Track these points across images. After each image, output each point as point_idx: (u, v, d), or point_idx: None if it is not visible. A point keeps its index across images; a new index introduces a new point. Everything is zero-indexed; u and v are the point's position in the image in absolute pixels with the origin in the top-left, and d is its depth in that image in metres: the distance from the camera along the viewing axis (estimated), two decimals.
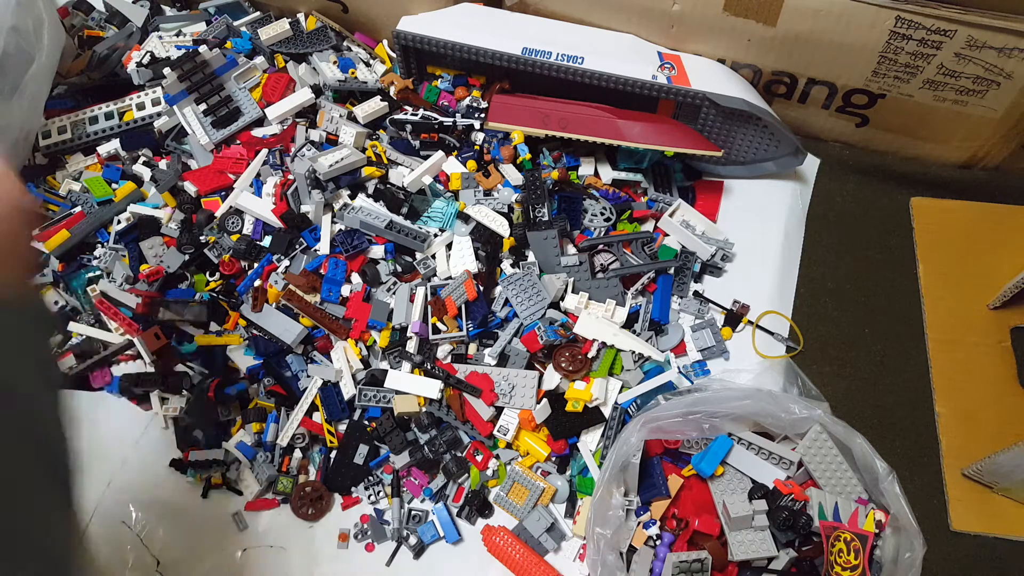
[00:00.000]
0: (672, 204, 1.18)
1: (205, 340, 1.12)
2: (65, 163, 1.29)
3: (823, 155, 1.28)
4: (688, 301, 1.14)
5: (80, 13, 1.44)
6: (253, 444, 1.06)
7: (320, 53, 1.35)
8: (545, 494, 1.00)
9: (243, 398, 1.09)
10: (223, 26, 1.38)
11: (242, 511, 1.05)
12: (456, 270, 1.10)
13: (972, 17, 1.02)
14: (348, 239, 1.12)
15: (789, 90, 1.23)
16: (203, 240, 1.17)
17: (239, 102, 1.26)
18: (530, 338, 1.04)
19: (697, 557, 0.90)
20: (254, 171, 1.21)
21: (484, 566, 0.99)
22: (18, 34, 1.15)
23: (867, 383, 1.10)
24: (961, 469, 1.02)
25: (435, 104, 1.27)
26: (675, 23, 1.18)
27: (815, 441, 0.95)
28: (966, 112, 1.16)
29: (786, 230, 1.21)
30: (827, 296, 1.16)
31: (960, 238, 1.19)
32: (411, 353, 1.06)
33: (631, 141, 1.14)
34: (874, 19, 1.07)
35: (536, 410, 1.01)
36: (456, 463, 1.02)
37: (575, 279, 1.09)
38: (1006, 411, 1.06)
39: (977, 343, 1.11)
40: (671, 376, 1.03)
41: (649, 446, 0.98)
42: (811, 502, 0.92)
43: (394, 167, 1.20)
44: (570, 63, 1.15)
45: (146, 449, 1.10)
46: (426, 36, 1.19)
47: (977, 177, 1.24)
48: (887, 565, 0.89)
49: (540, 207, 1.09)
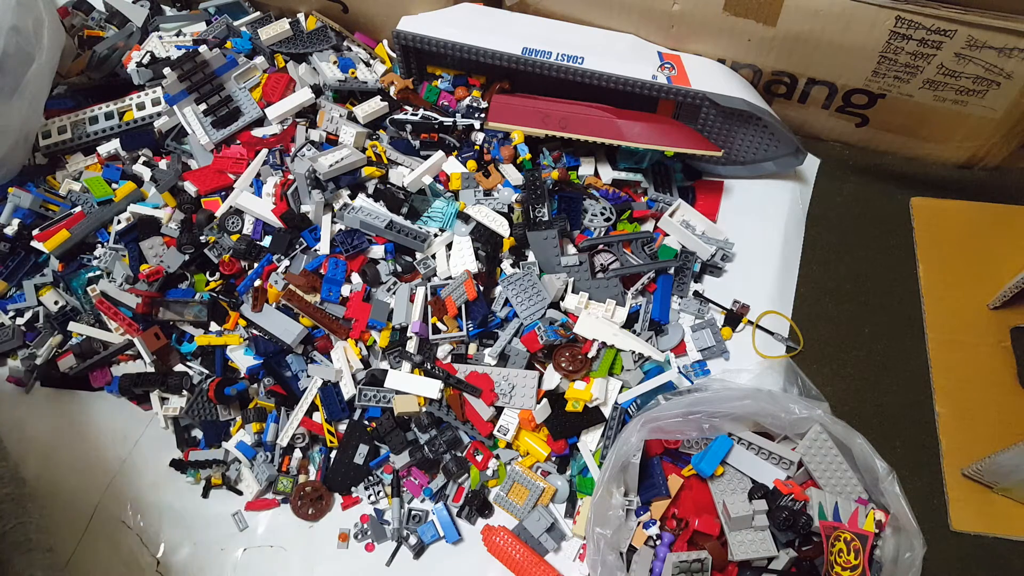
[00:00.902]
0: (672, 204, 1.18)
1: (205, 340, 1.12)
2: (65, 163, 1.30)
3: (823, 155, 1.28)
4: (688, 301, 1.14)
5: (80, 13, 1.45)
6: (253, 444, 1.06)
7: (320, 53, 1.35)
8: (545, 494, 1.00)
9: (243, 398, 1.10)
10: (223, 26, 1.38)
11: (242, 511, 1.05)
12: (456, 270, 1.10)
13: (972, 17, 1.02)
14: (348, 239, 1.12)
15: (789, 90, 1.23)
16: (203, 240, 1.17)
17: (239, 102, 1.26)
18: (530, 338, 1.04)
19: (697, 557, 0.90)
20: (254, 171, 1.21)
21: (484, 566, 0.99)
22: (18, 34, 1.15)
23: (867, 383, 1.10)
24: (961, 469, 1.02)
25: (435, 104, 1.27)
26: (675, 23, 1.18)
27: (815, 441, 0.95)
28: (966, 112, 1.16)
29: (786, 230, 1.21)
30: (827, 296, 1.16)
31: (960, 238, 1.19)
32: (411, 353, 1.06)
33: (631, 141, 1.14)
34: (874, 19, 1.07)
35: (536, 410, 1.01)
36: (456, 463, 1.02)
37: (575, 279, 1.09)
38: (1006, 411, 1.06)
39: (977, 343, 1.11)
40: (671, 376, 1.03)
41: (649, 446, 0.98)
42: (811, 502, 0.92)
43: (394, 167, 1.20)
44: (570, 63, 1.15)
45: (146, 449, 1.10)
46: (426, 36, 1.19)
47: (977, 177, 1.24)
48: (887, 565, 0.89)
49: (540, 207, 1.09)
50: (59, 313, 1.18)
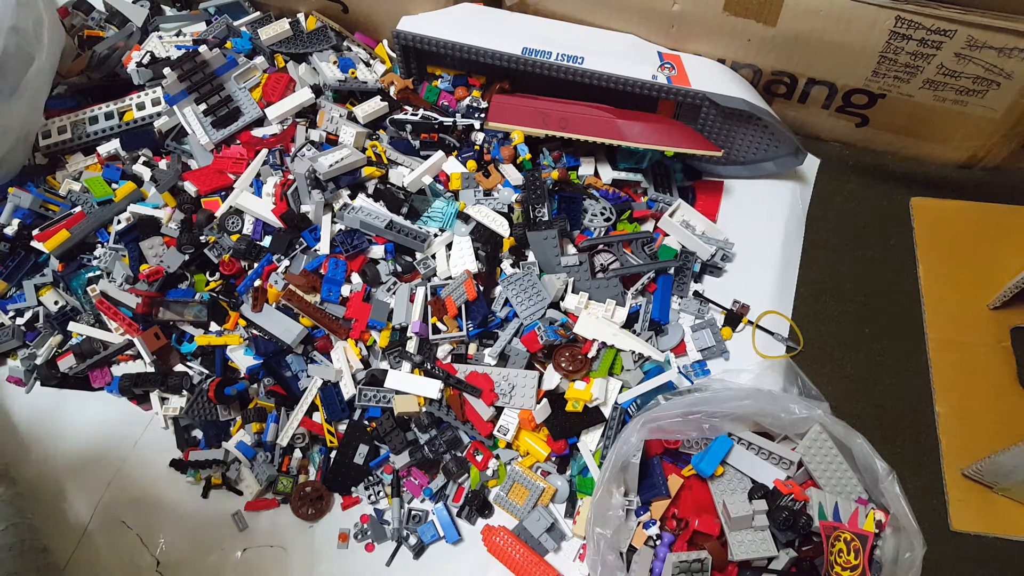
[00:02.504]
0: (672, 204, 1.18)
1: (205, 340, 1.12)
2: (65, 163, 1.30)
3: (823, 155, 1.28)
4: (688, 301, 1.14)
5: (80, 13, 1.45)
6: (253, 444, 1.06)
7: (320, 53, 1.35)
8: (545, 494, 1.00)
9: (243, 398, 1.10)
10: (223, 26, 1.38)
11: (242, 511, 1.05)
12: (456, 270, 1.10)
13: (972, 17, 1.02)
14: (348, 239, 1.12)
15: (789, 90, 1.23)
16: (203, 240, 1.17)
17: (239, 102, 1.26)
18: (530, 338, 1.04)
19: (697, 557, 0.90)
20: (254, 171, 1.21)
21: (484, 566, 0.99)
22: (18, 34, 1.15)
23: (867, 383, 1.10)
24: (961, 469, 1.02)
25: (435, 104, 1.27)
26: (675, 23, 1.18)
27: (815, 441, 0.95)
28: (966, 112, 1.16)
29: (786, 230, 1.21)
30: (827, 296, 1.16)
31: (960, 238, 1.19)
32: (411, 353, 1.06)
33: (631, 141, 1.14)
34: (874, 19, 1.07)
35: (536, 410, 1.01)
36: (456, 463, 1.02)
37: (575, 279, 1.09)
38: (1006, 411, 1.05)
39: (977, 343, 1.11)
40: (671, 376, 1.03)
41: (649, 446, 0.98)
42: (811, 502, 0.92)
43: (394, 167, 1.20)
44: (570, 63, 1.15)
45: (146, 449, 1.10)
46: (426, 36, 1.19)
47: (977, 177, 1.24)
48: (887, 565, 0.89)
49: (540, 207, 1.09)
50: (59, 313, 1.18)
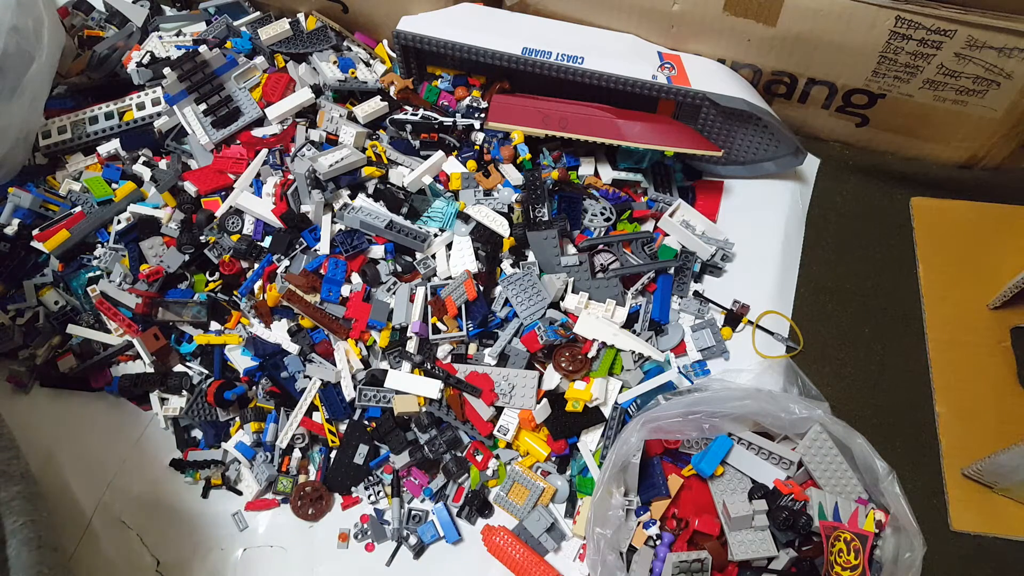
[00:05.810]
0: (672, 204, 1.18)
1: (204, 339, 1.12)
2: (65, 163, 1.29)
3: (823, 155, 1.28)
4: (688, 301, 1.14)
5: (80, 13, 1.44)
6: (253, 444, 1.06)
7: (320, 53, 1.35)
8: (545, 494, 1.00)
9: (242, 399, 1.09)
10: (223, 26, 1.38)
11: (242, 511, 1.05)
12: (456, 270, 1.10)
13: (972, 17, 1.02)
14: (348, 239, 1.12)
15: (789, 90, 1.23)
16: (203, 240, 1.17)
17: (239, 102, 1.26)
18: (530, 338, 1.04)
19: (697, 557, 0.90)
20: (254, 171, 1.21)
21: (484, 566, 0.99)
22: (18, 34, 1.15)
23: (867, 383, 1.10)
24: (961, 469, 1.02)
25: (435, 104, 1.27)
26: (675, 23, 1.18)
27: (815, 441, 0.95)
28: (966, 112, 1.16)
29: (786, 230, 1.21)
30: (827, 296, 1.16)
31: (960, 238, 1.19)
32: (411, 353, 1.06)
33: (631, 141, 1.14)
34: (874, 19, 1.07)
35: (536, 410, 1.01)
36: (456, 463, 1.02)
37: (575, 279, 1.09)
38: (1006, 411, 1.06)
39: (977, 343, 1.11)
40: (671, 376, 1.03)
41: (649, 446, 0.98)
42: (811, 502, 0.92)
43: (394, 167, 1.20)
44: (570, 63, 1.15)
45: (146, 449, 1.10)
46: (426, 36, 1.19)
47: (977, 177, 1.24)
48: (887, 565, 0.89)
49: (540, 207, 1.09)
50: (59, 313, 1.18)
